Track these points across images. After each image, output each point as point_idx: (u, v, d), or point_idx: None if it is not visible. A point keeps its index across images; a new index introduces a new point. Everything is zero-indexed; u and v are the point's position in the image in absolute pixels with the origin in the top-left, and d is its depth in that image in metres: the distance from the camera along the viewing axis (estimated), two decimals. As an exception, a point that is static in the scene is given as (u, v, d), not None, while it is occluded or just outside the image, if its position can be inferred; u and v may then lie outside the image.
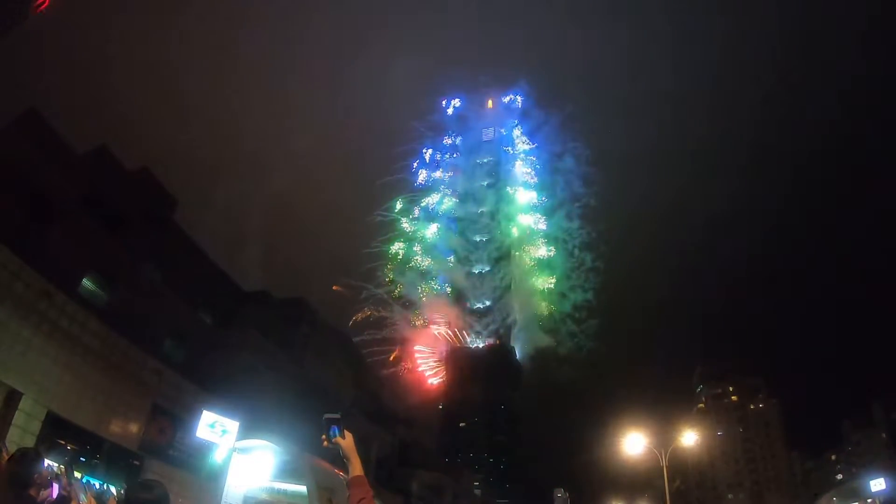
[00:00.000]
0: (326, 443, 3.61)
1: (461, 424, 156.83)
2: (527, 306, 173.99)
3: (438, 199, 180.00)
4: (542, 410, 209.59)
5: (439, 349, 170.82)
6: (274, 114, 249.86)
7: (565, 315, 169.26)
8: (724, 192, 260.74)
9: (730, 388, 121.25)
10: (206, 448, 24.25)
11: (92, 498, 3.78)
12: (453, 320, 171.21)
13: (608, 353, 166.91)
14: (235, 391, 27.68)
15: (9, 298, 18.07)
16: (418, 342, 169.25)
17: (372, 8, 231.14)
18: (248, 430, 25.34)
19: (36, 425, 18.27)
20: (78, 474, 17.86)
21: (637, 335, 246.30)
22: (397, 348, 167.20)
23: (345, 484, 3.59)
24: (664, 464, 30.20)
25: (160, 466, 22.74)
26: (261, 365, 31.99)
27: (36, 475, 3.94)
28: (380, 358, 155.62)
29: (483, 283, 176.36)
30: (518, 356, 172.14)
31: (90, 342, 21.00)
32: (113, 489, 17.25)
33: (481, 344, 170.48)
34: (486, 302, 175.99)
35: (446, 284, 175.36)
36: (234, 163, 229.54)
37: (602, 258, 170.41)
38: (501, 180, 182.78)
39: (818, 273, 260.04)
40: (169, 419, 24.06)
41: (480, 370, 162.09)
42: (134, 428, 22.63)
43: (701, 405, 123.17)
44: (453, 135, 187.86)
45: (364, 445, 39.37)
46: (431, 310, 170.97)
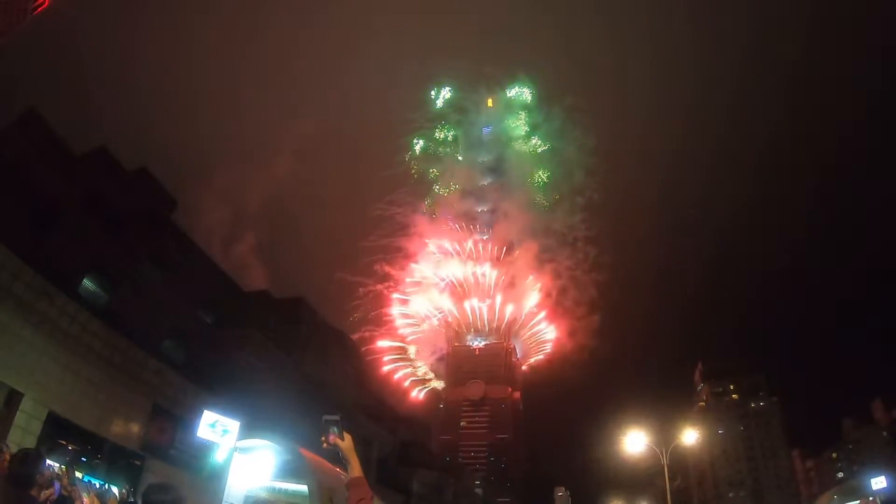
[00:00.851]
0: (326, 444, 3.62)
1: (462, 423, 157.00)
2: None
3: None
4: (544, 409, 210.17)
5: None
6: (273, 108, 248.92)
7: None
8: (729, 192, 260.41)
9: (731, 387, 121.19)
10: (207, 448, 24.26)
11: (95, 497, 3.79)
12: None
13: (609, 351, 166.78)
14: (236, 391, 27.69)
15: (9, 299, 18.09)
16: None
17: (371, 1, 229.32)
18: (249, 430, 25.32)
19: (37, 426, 18.28)
20: (79, 474, 17.90)
21: (638, 333, 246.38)
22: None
23: (345, 485, 3.59)
24: (665, 462, 30.21)
25: (161, 466, 22.77)
26: (261, 365, 32.01)
27: (38, 475, 3.94)
28: (378, 356, 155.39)
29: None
30: (518, 354, 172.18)
31: (91, 342, 21.02)
32: (114, 489, 17.28)
33: (482, 342, 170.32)
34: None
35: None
36: (232, 159, 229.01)
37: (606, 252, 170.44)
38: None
39: (819, 271, 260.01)
40: (170, 419, 24.09)
41: (481, 368, 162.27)
42: (135, 428, 22.65)
43: (702, 403, 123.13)
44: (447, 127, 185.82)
45: (365, 444, 39.40)
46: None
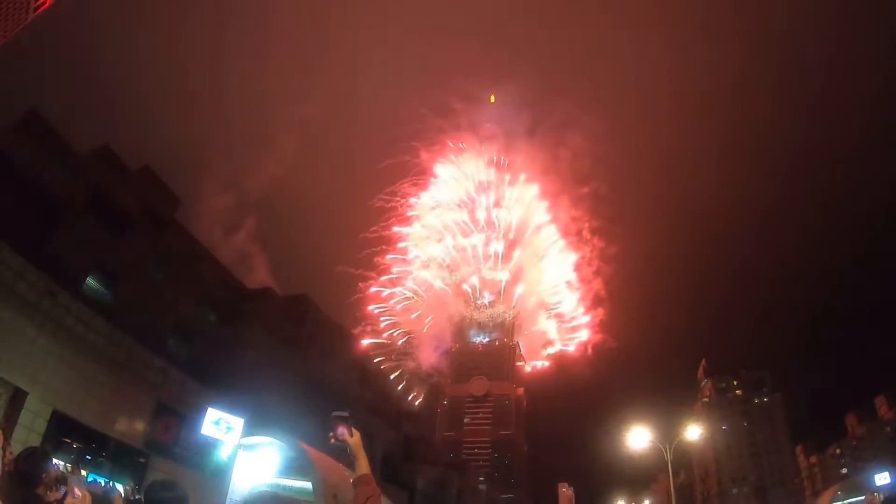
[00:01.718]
0: (334, 440, 3.58)
1: (466, 420, 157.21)
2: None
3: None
4: (547, 405, 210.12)
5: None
6: (273, 102, 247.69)
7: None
8: (735, 190, 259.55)
9: (734, 382, 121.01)
10: (212, 445, 24.30)
11: (86, 492, 3.77)
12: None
13: (613, 347, 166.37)
14: (240, 388, 27.73)
15: (13, 298, 18.12)
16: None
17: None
18: (253, 427, 25.36)
19: (41, 424, 18.33)
20: (84, 472, 17.94)
21: (641, 329, 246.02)
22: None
23: (350, 482, 3.55)
24: (668, 458, 30.18)
25: (165, 464, 22.84)
26: (265, 362, 32.05)
27: (44, 474, 3.93)
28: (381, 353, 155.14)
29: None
30: (522, 351, 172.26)
31: (95, 341, 21.07)
32: (119, 487, 17.31)
33: (485, 339, 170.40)
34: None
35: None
36: (232, 153, 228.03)
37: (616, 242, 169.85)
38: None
39: (821, 268, 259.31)
40: (174, 417, 24.15)
41: (484, 365, 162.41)
42: (139, 426, 22.71)
43: (705, 399, 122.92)
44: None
45: (369, 441, 39.23)
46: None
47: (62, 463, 15.34)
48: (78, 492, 3.82)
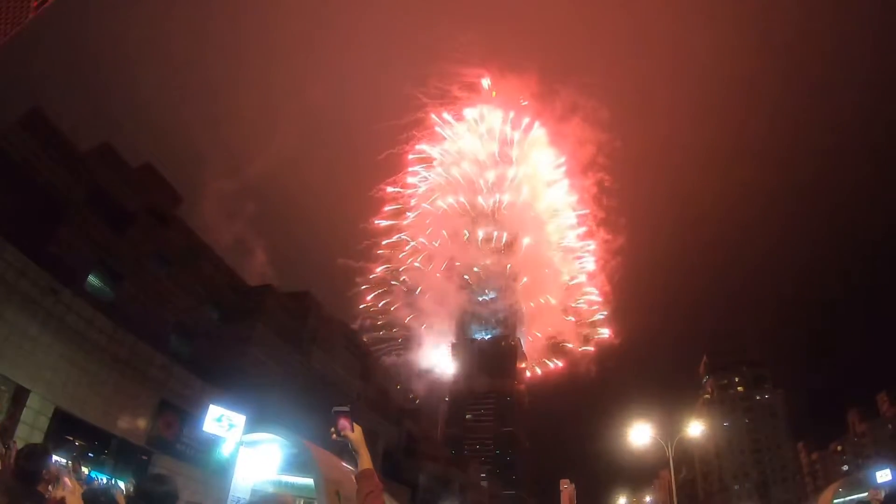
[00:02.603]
0: (335, 435, 3.58)
1: (467, 416, 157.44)
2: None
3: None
4: (549, 402, 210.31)
5: None
6: (271, 93, 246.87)
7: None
8: (738, 188, 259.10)
9: (736, 379, 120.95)
10: (213, 442, 24.34)
11: (76, 483, 3.78)
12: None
13: (615, 344, 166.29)
14: (242, 385, 27.79)
15: (15, 296, 18.16)
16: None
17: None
18: (255, 424, 25.39)
19: (44, 422, 18.38)
20: (85, 469, 17.99)
21: (643, 326, 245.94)
22: None
23: (353, 477, 3.55)
24: (670, 454, 30.19)
25: (168, 461, 22.88)
26: (267, 359, 32.11)
27: (44, 471, 3.94)
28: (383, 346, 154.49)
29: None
30: (524, 347, 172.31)
31: (97, 338, 21.11)
32: (121, 484, 17.35)
33: (487, 335, 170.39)
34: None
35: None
36: (232, 147, 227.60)
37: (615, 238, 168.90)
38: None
39: (824, 265, 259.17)
40: (176, 414, 24.19)
41: (486, 362, 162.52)
42: (141, 423, 22.76)
43: (707, 396, 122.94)
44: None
45: (371, 438, 39.48)
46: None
47: (64, 460, 15.37)
48: (69, 482, 3.83)
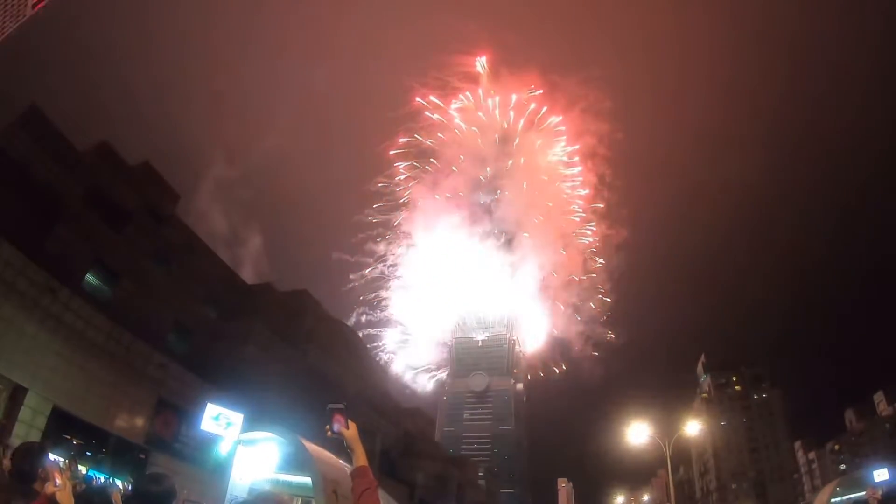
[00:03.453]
0: (330, 433, 3.58)
1: (465, 415, 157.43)
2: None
3: None
4: (547, 401, 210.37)
5: None
6: (270, 87, 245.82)
7: None
8: (735, 189, 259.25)
9: (733, 378, 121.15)
10: (211, 441, 24.35)
11: (67, 480, 3.78)
12: None
13: (613, 343, 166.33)
14: (240, 384, 27.77)
15: (13, 294, 18.14)
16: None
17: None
18: (253, 422, 25.39)
19: (41, 420, 18.37)
20: (83, 468, 17.98)
21: (641, 325, 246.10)
22: None
23: (349, 475, 3.54)
24: (668, 453, 30.24)
25: (166, 460, 22.87)
26: (265, 357, 32.10)
27: (40, 469, 3.94)
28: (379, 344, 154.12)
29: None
30: (521, 347, 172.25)
31: (95, 337, 21.10)
32: (118, 482, 17.35)
33: (485, 336, 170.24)
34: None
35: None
36: (227, 141, 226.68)
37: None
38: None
39: (822, 265, 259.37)
40: (174, 412, 24.19)
41: (484, 361, 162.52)
42: (139, 421, 22.75)
43: (704, 395, 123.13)
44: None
45: (368, 437, 39.52)
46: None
47: (62, 459, 15.37)
48: (59, 479, 3.82)
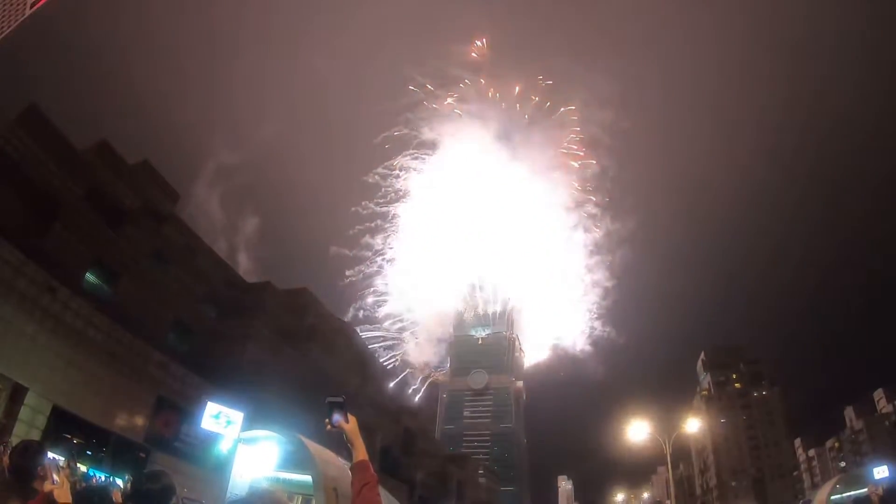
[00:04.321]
0: (329, 426, 3.54)
1: (465, 413, 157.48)
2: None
3: None
4: (547, 398, 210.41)
5: None
6: (268, 83, 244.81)
7: None
8: (736, 184, 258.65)
9: (733, 376, 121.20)
10: (212, 439, 24.35)
11: (65, 478, 3.77)
12: None
13: (613, 341, 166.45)
14: (240, 382, 27.79)
15: (12, 294, 18.12)
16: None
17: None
18: (253, 421, 25.41)
19: (41, 420, 18.37)
20: (83, 467, 17.99)
21: (641, 322, 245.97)
22: None
23: (349, 471, 3.50)
24: (668, 451, 30.25)
25: (166, 458, 22.87)
26: (265, 356, 32.11)
27: (39, 468, 3.93)
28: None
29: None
30: (520, 344, 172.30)
31: (94, 336, 21.08)
32: (119, 482, 17.35)
33: (484, 333, 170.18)
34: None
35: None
36: (226, 129, 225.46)
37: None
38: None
39: (822, 262, 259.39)
40: (174, 411, 24.18)
41: (483, 358, 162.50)
42: (139, 420, 22.74)
43: (704, 392, 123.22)
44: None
45: (368, 435, 39.51)
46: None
47: (62, 458, 15.37)
48: (56, 477, 3.82)
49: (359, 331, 70.08)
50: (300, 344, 38.45)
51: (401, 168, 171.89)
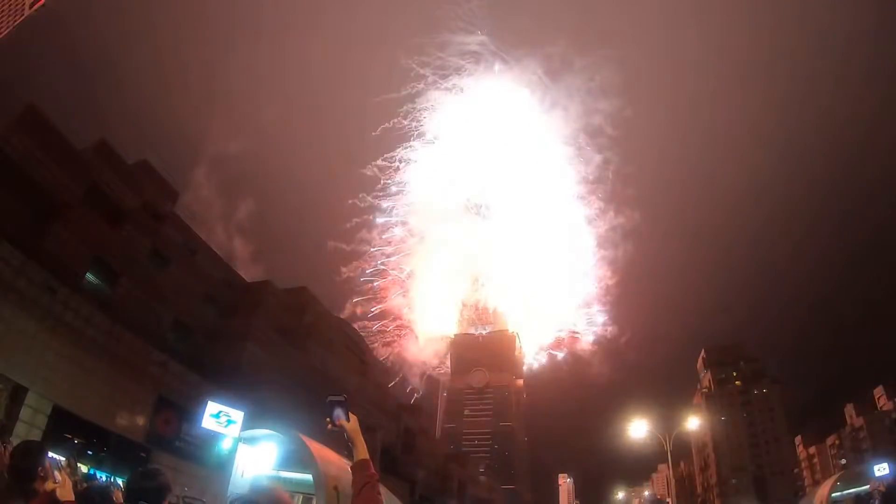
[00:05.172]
0: (330, 425, 3.53)
1: (465, 411, 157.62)
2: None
3: None
4: (547, 397, 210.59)
5: None
6: (267, 79, 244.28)
7: None
8: (733, 180, 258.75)
9: (734, 373, 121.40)
10: (212, 438, 24.39)
11: (66, 476, 3.76)
12: None
13: (614, 340, 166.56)
14: (240, 381, 27.81)
15: (12, 294, 18.12)
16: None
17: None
18: (254, 420, 25.46)
19: (42, 420, 18.36)
20: (84, 467, 17.99)
21: (642, 321, 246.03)
22: None
23: (349, 469, 3.49)
24: (668, 448, 30.32)
25: (167, 458, 22.88)
26: (265, 355, 32.12)
27: (39, 468, 3.92)
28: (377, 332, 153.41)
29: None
30: (521, 342, 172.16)
31: (94, 335, 21.08)
32: (120, 482, 17.36)
33: (485, 331, 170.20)
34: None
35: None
36: (223, 126, 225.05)
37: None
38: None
39: (822, 261, 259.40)
40: (174, 410, 24.19)
41: (484, 357, 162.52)
42: (140, 420, 22.75)
43: (705, 390, 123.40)
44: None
45: (369, 433, 39.45)
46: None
47: (63, 458, 15.37)
48: (58, 476, 3.81)
49: (358, 329, 70.05)
50: (300, 343, 38.46)
51: (400, 160, 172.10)
